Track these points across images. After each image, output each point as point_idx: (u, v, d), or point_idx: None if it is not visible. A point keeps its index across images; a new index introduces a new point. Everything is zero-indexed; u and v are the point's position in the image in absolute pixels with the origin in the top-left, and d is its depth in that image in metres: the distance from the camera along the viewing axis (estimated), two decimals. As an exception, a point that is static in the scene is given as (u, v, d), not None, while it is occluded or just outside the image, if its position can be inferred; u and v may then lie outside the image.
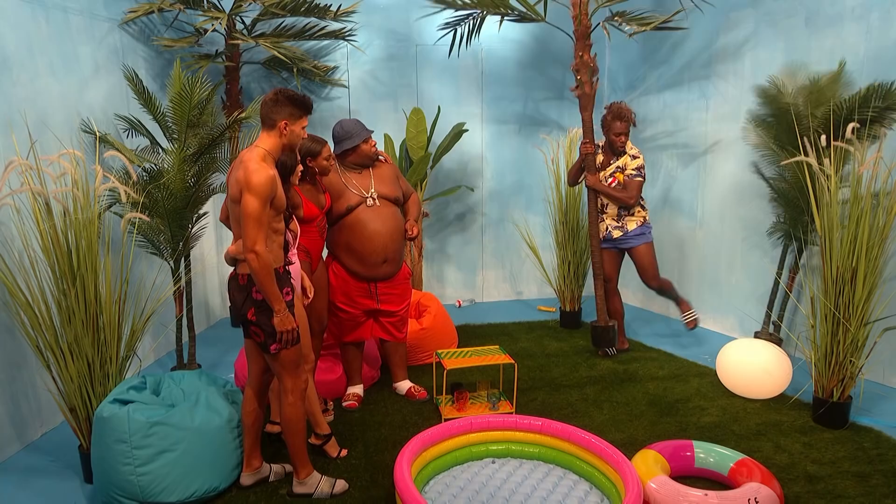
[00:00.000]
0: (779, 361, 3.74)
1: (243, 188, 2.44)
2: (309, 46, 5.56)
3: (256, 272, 2.47)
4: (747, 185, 4.78)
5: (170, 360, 4.49)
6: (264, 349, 2.63)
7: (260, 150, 2.53)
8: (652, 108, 5.71)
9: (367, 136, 3.50)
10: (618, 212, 4.37)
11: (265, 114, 2.56)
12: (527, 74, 6.03)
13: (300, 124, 2.60)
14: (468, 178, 6.05)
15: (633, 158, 4.28)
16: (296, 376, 2.70)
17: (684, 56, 5.31)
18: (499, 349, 3.74)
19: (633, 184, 4.26)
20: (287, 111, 2.55)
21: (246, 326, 2.66)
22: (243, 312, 2.62)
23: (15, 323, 2.96)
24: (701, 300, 5.27)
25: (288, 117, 2.56)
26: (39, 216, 2.82)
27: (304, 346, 2.98)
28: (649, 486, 2.59)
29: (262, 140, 2.57)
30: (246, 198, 2.43)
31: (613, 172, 4.33)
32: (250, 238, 2.44)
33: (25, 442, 3.35)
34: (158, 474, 2.63)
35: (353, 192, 3.50)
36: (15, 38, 3.34)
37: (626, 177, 4.28)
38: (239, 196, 2.46)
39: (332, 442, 3.16)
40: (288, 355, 2.65)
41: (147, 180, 3.84)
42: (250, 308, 2.59)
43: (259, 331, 2.61)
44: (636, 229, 4.36)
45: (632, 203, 4.28)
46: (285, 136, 2.57)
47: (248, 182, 2.42)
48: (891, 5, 3.81)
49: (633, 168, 4.27)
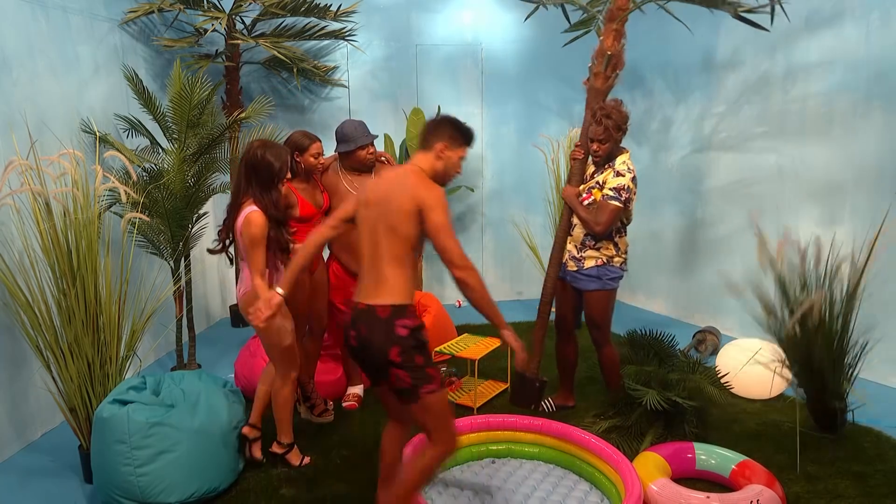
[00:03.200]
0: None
1: (429, 206, 2.19)
2: (309, 46, 5.56)
3: (477, 289, 2.19)
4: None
5: (170, 360, 4.49)
6: (408, 396, 2.20)
7: (417, 168, 2.35)
8: (652, 107, 5.70)
9: (365, 143, 3.42)
10: (583, 238, 3.41)
11: (425, 134, 2.40)
12: (527, 74, 6.03)
13: (458, 153, 2.39)
14: (468, 178, 6.04)
15: (617, 175, 3.28)
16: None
17: (684, 56, 5.30)
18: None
19: (606, 208, 3.24)
20: (447, 135, 2.37)
21: (383, 371, 2.21)
22: (384, 353, 2.15)
23: (15, 323, 2.96)
24: (701, 300, 5.27)
25: (448, 141, 2.36)
26: (39, 216, 2.82)
27: (291, 350, 2.93)
28: (650, 488, 2.58)
29: (419, 160, 2.38)
30: (437, 214, 2.18)
31: (592, 187, 3.39)
32: (457, 253, 2.16)
33: (25, 442, 3.35)
34: (158, 475, 2.62)
35: (352, 192, 3.49)
36: (15, 38, 3.34)
37: (602, 196, 3.31)
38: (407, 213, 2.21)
39: (294, 451, 3.08)
40: (443, 399, 2.25)
41: (147, 180, 3.84)
42: (393, 347, 2.15)
43: (405, 374, 2.16)
44: (591, 269, 3.37)
45: (598, 231, 3.26)
46: (440, 161, 2.36)
47: (435, 196, 2.21)
48: (891, 5, 3.81)
49: (612, 187, 3.25)
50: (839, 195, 4.18)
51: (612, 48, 3.54)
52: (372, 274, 2.24)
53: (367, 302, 2.21)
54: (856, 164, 4.07)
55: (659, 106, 5.65)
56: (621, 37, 3.58)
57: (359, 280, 2.30)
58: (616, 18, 3.56)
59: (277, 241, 2.79)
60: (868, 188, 4.02)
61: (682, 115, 5.37)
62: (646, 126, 5.79)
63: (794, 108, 4.43)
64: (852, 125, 4.07)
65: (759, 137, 4.70)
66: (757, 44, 4.65)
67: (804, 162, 4.39)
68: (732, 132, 4.91)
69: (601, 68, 3.55)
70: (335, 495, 2.81)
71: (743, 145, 4.81)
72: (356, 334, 2.22)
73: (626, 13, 3.56)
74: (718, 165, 5.08)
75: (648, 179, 5.72)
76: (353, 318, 2.24)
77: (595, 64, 3.59)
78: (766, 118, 4.63)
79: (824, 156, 4.26)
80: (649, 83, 5.72)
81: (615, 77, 3.60)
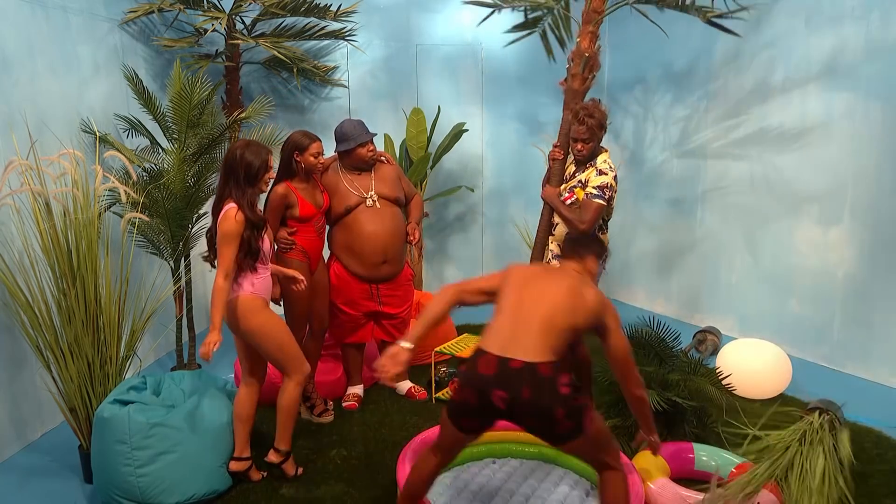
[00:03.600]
0: (779, 361, 3.74)
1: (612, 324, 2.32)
2: (309, 46, 5.55)
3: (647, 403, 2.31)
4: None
5: (170, 360, 4.49)
6: (570, 436, 2.06)
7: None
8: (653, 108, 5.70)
9: (364, 141, 3.43)
10: (566, 238, 3.38)
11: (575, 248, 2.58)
12: (527, 74, 6.02)
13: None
14: (468, 178, 6.04)
15: (600, 174, 3.32)
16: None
17: (683, 56, 5.30)
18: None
19: (590, 206, 3.28)
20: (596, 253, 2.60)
21: (539, 428, 2.08)
22: (550, 414, 2.00)
23: (15, 323, 2.96)
24: (701, 300, 5.27)
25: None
26: (39, 216, 2.82)
27: (295, 353, 2.88)
28: (650, 488, 2.58)
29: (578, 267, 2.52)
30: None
31: (574, 186, 3.43)
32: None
33: (25, 442, 3.35)
34: (158, 475, 2.62)
35: (352, 192, 3.49)
36: (15, 38, 3.33)
37: (585, 195, 3.35)
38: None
39: (290, 460, 2.97)
40: (602, 422, 2.18)
41: (147, 180, 3.84)
42: (559, 408, 1.99)
43: (569, 423, 2.03)
44: None
45: (584, 229, 3.27)
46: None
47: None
48: (891, 5, 3.81)
49: (595, 186, 3.30)
50: (838, 195, 4.18)
51: (588, 50, 3.61)
52: (524, 327, 2.07)
53: (526, 359, 2.00)
54: (856, 164, 4.08)
55: (659, 106, 5.65)
56: (597, 38, 3.66)
57: (494, 331, 2.11)
58: (592, 21, 3.62)
59: (249, 244, 2.69)
60: (868, 188, 4.02)
61: (682, 113, 5.37)
62: (646, 123, 5.79)
63: (795, 107, 4.43)
64: (852, 125, 4.08)
65: (759, 137, 4.70)
66: (757, 44, 4.65)
67: (804, 161, 4.39)
68: (733, 132, 4.91)
69: (578, 70, 3.62)
70: (335, 495, 2.81)
71: (743, 145, 4.81)
72: (508, 396, 1.97)
73: (601, 16, 3.62)
74: (718, 165, 5.08)
75: (649, 179, 5.73)
76: (499, 377, 1.99)
77: (572, 65, 3.66)
78: (767, 118, 4.63)
79: (824, 156, 4.26)
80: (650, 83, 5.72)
81: (592, 78, 3.68)
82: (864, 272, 4.06)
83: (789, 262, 4.54)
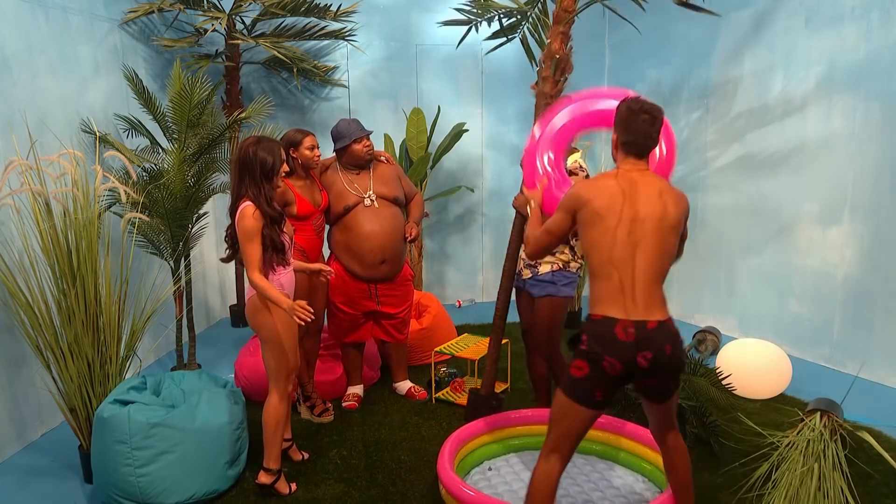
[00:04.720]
0: (779, 361, 3.74)
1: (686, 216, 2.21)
2: (309, 46, 5.56)
3: None
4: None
5: (170, 360, 4.49)
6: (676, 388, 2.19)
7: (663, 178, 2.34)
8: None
9: (359, 137, 3.45)
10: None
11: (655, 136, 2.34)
12: (527, 74, 6.01)
13: None
14: (468, 178, 6.04)
15: (570, 175, 3.04)
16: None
17: (683, 56, 5.30)
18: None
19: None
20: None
21: (672, 384, 2.17)
22: (682, 365, 2.15)
23: (15, 323, 2.96)
24: (701, 300, 5.27)
25: None
26: (39, 216, 2.82)
27: (284, 367, 2.80)
28: None
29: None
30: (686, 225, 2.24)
31: None
32: None
33: (25, 442, 3.35)
34: (158, 475, 2.62)
35: (350, 191, 3.49)
36: (15, 38, 3.34)
37: None
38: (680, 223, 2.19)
39: (282, 478, 2.85)
40: None
41: (147, 180, 3.84)
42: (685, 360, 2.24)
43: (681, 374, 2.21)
44: (547, 275, 3.20)
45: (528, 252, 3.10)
46: None
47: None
48: (891, 5, 3.81)
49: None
50: (838, 195, 4.18)
51: (559, 51, 3.43)
52: (646, 289, 2.08)
53: (658, 318, 2.06)
54: (856, 164, 4.07)
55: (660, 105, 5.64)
56: (568, 40, 3.47)
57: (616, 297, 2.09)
58: (562, 21, 3.44)
59: (271, 239, 2.68)
60: (868, 188, 4.02)
61: (683, 113, 5.37)
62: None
63: (795, 107, 4.43)
64: (852, 125, 4.08)
65: (759, 137, 4.70)
66: (757, 43, 4.65)
67: (804, 161, 4.39)
68: (732, 132, 4.91)
69: (549, 72, 3.45)
70: (335, 495, 2.81)
71: (743, 145, 4.81)
72: (654, 356, 2.03)
73: (571, 15, 3.45)
74: (718, 165, 5.08)
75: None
76: (642, 338, 2.03)
77: (543, 68, 3.49)
78: (767, 118, 4.63)
79: (824, 156, 4.26)
80: (651, 83, 5.72)
81: (564, 81, 3.49)
82: (864, 272, 4.06)
83: (789, 262, 4.54)
